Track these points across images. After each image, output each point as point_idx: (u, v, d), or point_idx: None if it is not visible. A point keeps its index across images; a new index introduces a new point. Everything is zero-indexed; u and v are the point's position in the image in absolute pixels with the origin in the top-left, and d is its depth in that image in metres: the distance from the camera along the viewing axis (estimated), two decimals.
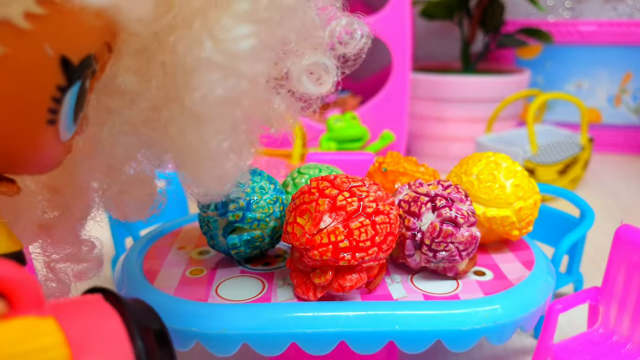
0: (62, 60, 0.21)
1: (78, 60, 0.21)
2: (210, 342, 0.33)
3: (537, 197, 0.42)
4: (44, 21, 0.19)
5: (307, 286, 0.34)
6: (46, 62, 0.20)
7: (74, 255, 0.31)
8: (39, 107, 0.21)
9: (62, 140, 0.23)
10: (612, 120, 1.13)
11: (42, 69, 0.20)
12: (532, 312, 0.35)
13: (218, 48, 0.23)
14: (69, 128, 0.23)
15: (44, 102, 0.21)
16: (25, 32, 0.19)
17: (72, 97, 0.22)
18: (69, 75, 0.21)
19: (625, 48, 1.09)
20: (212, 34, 0.23)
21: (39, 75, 0.20)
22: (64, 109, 0.22)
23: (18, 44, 0.19)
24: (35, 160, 0.23)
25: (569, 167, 0.85)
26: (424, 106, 1.00)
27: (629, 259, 0.38)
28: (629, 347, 0.37)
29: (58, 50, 0.20)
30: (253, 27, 0.23)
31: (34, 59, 0.20)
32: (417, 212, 0.37)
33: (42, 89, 0.21)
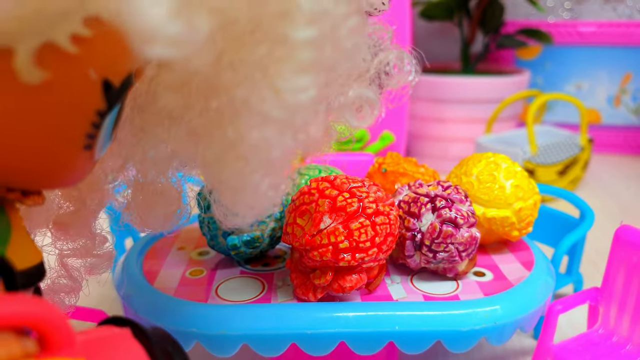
0: (105, 84, 0.20)
1: (119, 82, 0.20)
2: (210, 342, 0.33)
3: (537, 197, 0.42)
4: (90, 44, 0.18)
5: (307, 287, 0.34)
6: (89, 87, 0.19)
7: (86, 250, 0.30)
8: (77, 133, 0.20)
9: (94, 161, 0.22)
10: (612, 121, 1.13)
11: (84, 95, 0.19)
12: (532, 313, 0.35)
13: (278, 101, 0.21)
14: (103, 149, 0.22)
15: (83, 129, 0.20)
16: (71, 56, 0.18)
17: (110, 122, 0.21)
18: (109, 100, 0.20)
19: (625, 49, 1.09)
20: (273, 85, 0.21)
21: (80, 101, 0.19)
22: (101, 134, 0.21)
23: (62, 68, 0.18)
24: (67, 180, 0.22)
25: (569, 168, 0.85)
26: (424, 107, 1.00)
27: (628, 259, 0.38)
28: (629, 347, 0.37)
29: (101, 74, 0.19)
30: (314, 77, 0.22)
31: (77, 84, 0.19)
32: (417, 213, 0.37)
33: (82, 115, 0.20)
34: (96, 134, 0.21)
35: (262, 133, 0.22)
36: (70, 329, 0.18)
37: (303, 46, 0.21)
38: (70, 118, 0.19)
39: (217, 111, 0.23)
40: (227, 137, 0.23)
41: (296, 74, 0.21)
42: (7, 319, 0.16)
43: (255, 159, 0.23)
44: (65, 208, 0.29)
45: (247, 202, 0.25)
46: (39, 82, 0.17)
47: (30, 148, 0.19)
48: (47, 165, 0.20)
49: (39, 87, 0.18)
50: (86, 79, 0.19)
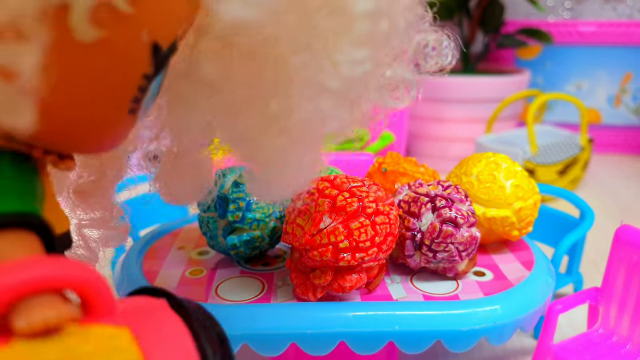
0: (154, 47, 0.19)
1: (166, 47, 0.20)
2: None
3: (537, 197, 0.42)
4: (145, 5, 0.18)
5: (307, 286, 0.34)
6: (140, 49, 0.19)
7: (103, 221, 0.30)
8: (124, 96, 0.20)
9: (134, 125, 0.22)
10: (612, 121, 1.13)
11: (135, 57, 0.19)
12: (531, 313, 0.35)
13: (335, 72, 0.21)
14: (145, 113, 0.22)
15: (130, 92, 0.20)
16: (125, 16, 0.17)
17: (155, 86, 0.21)
18: (157, 64, 0.20)
19: (625, 48, 1.09)
20: (331, 57, 0.21)
21: (131, 63, 0.19)
22: (146, 98, 0.21)
23: (116, 28, 0.17)
24: (106, 145, 0.22)
25: (569, 168, 0.85)
26: (424, 107, 1.00)
27: (628, 259, 0.38)
28: (629, 347, 0.37)
29: (152, 37, 0.19)
30: (370, 50, 0.22)
31: (129, 46, 0.18)
32: (417, 213, 0.37)
33: (131, 78, 0.19)
34: (141, 98, 0.20)
35: (317, 104, 0.22)
36: (112, 296, 0.18)
37: (362, 18, 0.21)
38: (119, 80, 0.19)
39: (260, 82, 0.22)
40: (270, 110, 0.22)
41: (354, 47, 0.21)
42: (54, 281, 0.16)
43: (301, 133, 0.23)
44: (86, 177, 0.29)
45: (285, 177, 0.25)
46: (93, 40, 0.17)
47: (79, 109, 0.19)
48: (92, 127, 0.20)
49: (92, 45, 0.17)
50: (138, 41, 0.18)
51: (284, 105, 0.22)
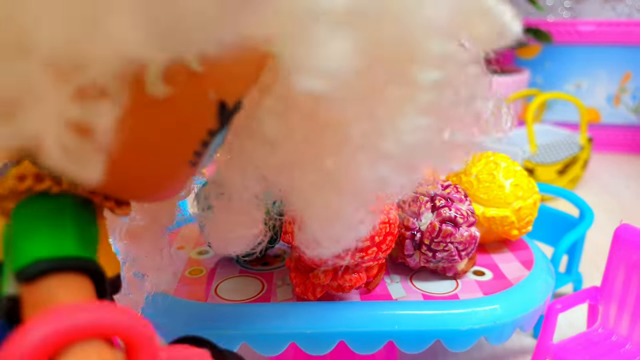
0: (220, 105, 0.20)
1: (233, 104, 0.21)
2: None
3: (537, 196, 0.42)
4: (215, 65, 0.18)
5: (307, 286, 0.34)
6: (206, 106, 0.19)
7: (153, 264, 0.30)
8: (187, 150, 0.20)
9: (193, 177, 0.23)
10: (611, 120, 1.13)
11: (201, 114, 0.20)
12: (531, 312, 0.35)
13: (396, 139, 0.21)
14: (204, 165, 0.23)
15: (193, 146, 0.20)
16: (195, 75, 0.18)
17: (218, 141, 0.21)
18: (222, 120, 0.20)
19: (625, 48, 1.09)
20: (394, 124, 0.21)
21: (197, 119, 0.20)
22: (207, 152, 0.21)
23: (185, 86, 0.18)
24: (166, 194, 0.23)
25: (568, 167, 0.85)
26: None
27: (628, 258, 0.38)
28: (628, 347, 0.38)
29: (219, 95, 0.20)
30: (432, 119, 0.22)
31: (197, 103, 0.19)
32: (416, 212, 0.37)
33: (196, 132, 0.20)
34: (203, 152, 0.21)
35: (376, 170, 0.22)
36: (156, 345, 0.18)
37: (427, 88, 0.21)
38: (184, 134, 0.20)
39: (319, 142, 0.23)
40: (326, 167, 0.22)
41: (417, 115, 0.21)
42: (101, 327, 0.16)
43: (357, 193, 0.23)
44: (138, 220, 0.29)
45: (334, 234, 0.25)
46: (163, 97, 0.18)
47: (142, 160, 0.20)
48: (153, 178, 0.21)
49: (162, 101, 0.18)
50: (205, 99, 0.19)
51: (341, 165, 0.22)
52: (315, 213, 0.24)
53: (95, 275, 0.19)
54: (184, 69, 0.17)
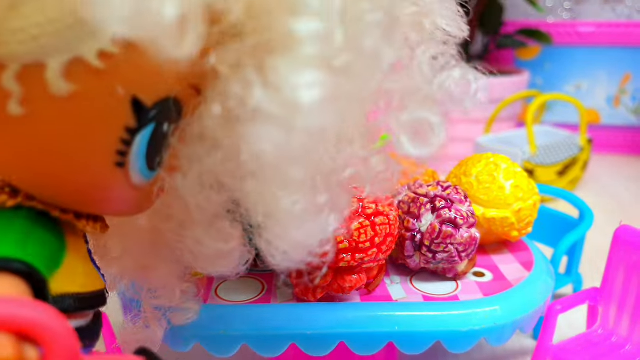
0: (134, 101, 0.20)
1: (152, 102, 0.21)
2: (210, 343, 0.33)
3: (537, 198, 0.42)
4: (118, 61, 0.19)
5: (307, 287, 0.34)
6: (116, 102, 0.20)
7: (171, 299, 0.30)
8: (106, 147, 0.20)
9: (134, 184, 0.22)
10: (611, 121, 1.13)
11: (112, 109, 0.20)
12: (531, 313, 0.35)
13: (272, 96, 0.20)
14: (142, 172, 0.22)
15: (112, 143, 0.20)
16: (97, 71, 0.18)
17: (143, 140, 0.21)
18: (140, 117, 0.20)
19: (624, 49, 1.09)
20: (266, 80, 0.20)
21: (107, 115, 0.20)
22: (133, 152, 0.21)
23: (89, 82, 0.18)
24: (107, 201, 0.23)
25: (568, 168, 0.86)
26: None
27: (628, 259, 0.38)
28: (628, 347, 0.38)
29: (130, 91, 0.20)
30: (319, 74, 0.20)
31: (104, 98, 0.19)
32: (416, 213, 0.37)
33: (111, 129, 0.20)
34: (127, 151, 0.21)
35: (257, 132, 0.20)
36: (74, 346, 0.18)
37: (306, 39, 0.20)
38: (97, 130, 0.20)
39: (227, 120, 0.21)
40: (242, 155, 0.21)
41: (296, 70, 0.20)
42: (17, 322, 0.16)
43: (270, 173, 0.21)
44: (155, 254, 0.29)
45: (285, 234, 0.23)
46: (67, 94, 0.18)
47: (60, 159, 0.20)
48: (80, 179, 0.21)
49: (67, 99, 0.18)
50: (113, 94, 0.19)
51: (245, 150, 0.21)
52: (260, 215, 0.23)
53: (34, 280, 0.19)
54: (85, 66, 0.18)
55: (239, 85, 0.20)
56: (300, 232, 0.23)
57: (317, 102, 0.20)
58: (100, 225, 0.24)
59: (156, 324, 0.31)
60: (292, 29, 0.19)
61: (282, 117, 0.20)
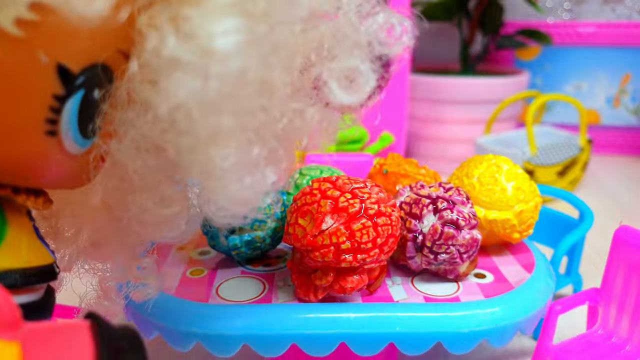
0: (59, 68, 0.20)
1: (79, 69, 0.20)
2: (210, 342, 0.33)
3: (538, 199, 0.42)
4: (37, 27, 0.18)
5: (308, 287, 0.34)
6: (40, 70, 0.19)
7: (129, 274, 0.30)
8: (34, 116, 0.20)
9: (70, 153, 0.22)
10: (611, 122, 1.13)
11: (36, 77, 0.19)
12: (532, 315, 0.35)
13: (187, 45, 0.20)
14: (76, 140, 0.22)
15: (41, 112, 0.20)
16: (16, 39, 0.18)
17: (73, 108, 0.21)
18: (67, 84, 0.20)
19: (624, 49, 1.09)
20: (179, 29, 0.20)
21: (32, 83, 0.19)
22: (64, 120, 0.21)
23: (8, 51, 0.18)
24: (43, 173, 0.22)
25: (568, 169, 0.86)
26: (423, 107, 1.00)
27: (628, 260, 0.38)
28: (628, 348, 0.38)
29: (54, 58, 0.19)
30: (237, 21, 0.20)
31: (27, 66, 0.19)
32: (418, 214, 0.37)
33: (37, 98, 0.20)
34: (57, 119, 0.21)
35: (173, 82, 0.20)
36: (12, 312, 0.18)
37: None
38: (24, 99, 0.20)
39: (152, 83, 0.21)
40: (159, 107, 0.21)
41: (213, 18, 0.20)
42: None
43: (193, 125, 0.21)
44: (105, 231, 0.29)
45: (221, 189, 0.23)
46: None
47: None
48: (11, 151, 0.21)
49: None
50: (36, 62, 0.19)
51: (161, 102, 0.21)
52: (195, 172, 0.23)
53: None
54: (2, 34, 0.18)
55: (155, 39, 0.21)
56: (236, 186, 0.23)
57: (232, 47, 0.20)
58: (42, 200, 0.24)
59: (114, 301, 0.30)
60: None
61: (197, 63, 0.20)
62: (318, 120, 0.28)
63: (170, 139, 0.22)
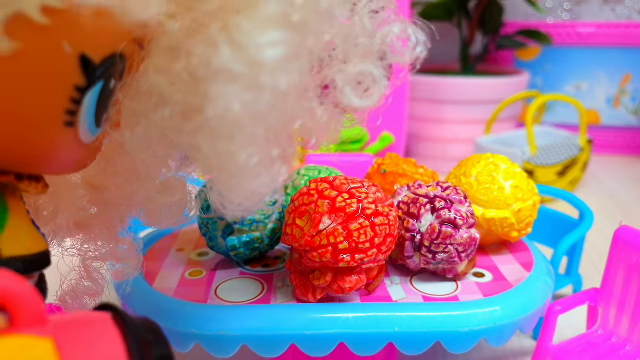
0: (82, 58, 0.19)
1: (100, 59, 0.20)
2: (209, 343, 0.33)
3: (537, 198, 0.42)
4: (63, 16, 0.18)
5: (307, 288, 0.34)
6: (64, 60, 0.19)
7: (111, 254, 0.30)
8: (55, 107, 0.20)
9: (83, 142, 0.22)
10: (611, 122, 1.13)
11: (59, 68, 0.19)
12: (531, 314, 0.35)
13: (238, 56, 0.20)
14: (90, 130, 0.22)
15: (61, 103, 0.20)
16: (42, 28, 0.17)
17: (92, 99, 0.21)
18: (89, 76, 0.20)
19: (624, 49, 1.09)
20: (232, 40, 0.20)
21: (55, 74, 0.19)
22: (83, 111, 0.21)
23: (34, 39, 0.18)
24: (55, 161, 0.22)
25: (568, 169, 0.86)
26: (423, 108, 1.00)
27: (628, 260, 0.38)
28: (628, 348, 0.37)
29: (77, 48, 0.19)
30: (282, 33, 0.21)
31: (51, 56, 0.19)
32: (416, 214, 0.37)
33: (59, 89, 0.20)
34: (76, 110, 0.20)
35: (226, 91, 0.21)
36: (41, 307, 0.18)
37: None
38: (45, 90, 0.19)
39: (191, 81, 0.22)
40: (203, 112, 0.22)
41: (259, 28, 0.20)
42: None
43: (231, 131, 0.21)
44: (88, 211, 0.29)
45: (239, 185, 0.24)
46: (10, 52, 0.17)
47: (8, 120, 0.19)
48: (28, 141, 0.20)
49: (11, 57, 0.18)
50: (60, 52, 0.19)
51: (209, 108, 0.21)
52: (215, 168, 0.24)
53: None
54: (28, 22, 0.17)
55: (202, 44, 0.21)
56: (253, 184, 0.24)
57: (280, 60, 0.21)
58: (42, 185, 0.23)
59: (96, 281, 0.30)
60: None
61: (247, 75, 0.20)
62: (326, 120, 0.29)
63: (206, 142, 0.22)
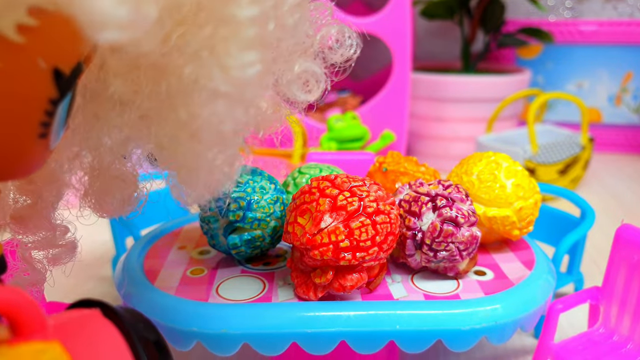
0: (55, 72, 0.20)
1: (69, 70, 0.20)
2: (210, 342, 0.33)
3: (538, 196, 0.42)
4: (37, 33, 0.18)
5: (308, 286, 0.34)
6: (39, 75, 0.19)
7: (47, 241, 0.31)
8: (31, 122, 0.20)
9: (51, 149, 0.22)
10: (613, 120, 1.13)
11: (35, 84, 0.19)
12: (532, 312, 0.35)
13: (226, 77, 0.22)
14: (58, 136, 0.22)
15: (37, 117, 0.20)
16: (18, 46, 0.18)
17: (63, 109, 0.21)
18: (61, 87, 0.20)
19: (626, 48, 1.09)
20: (221, 63, 0.22)
21: (31, 90, 0.19)
22: (55, 122, 0.21)
23: (10, 58, 0.18)
24: (23, 171, 0.22)
25: (570, 167, 0.85)
26: (425, 106, 1.00)
27: (629, 258, 0.38)
28: (630, 346, 0.37)
29: (50, 63, 0.19)
30: (259, 52, 0.23)
31: (27, 73, 0.19)
32: (417, 212, 0.37)
33: (35, 104, 0.20)
34: (50, 122, 0.21)
35: (213, 109, 0.23)
36: (40, 313, 0.18)
37: (247, 24, 0.22)
38: (22, 107, 0.19)
39: (167, 93, 0.24)
40: (179, 117, 0.24)
41: (242, 51, 0.23)
42: None
43: (208, 136, 0.24)
44: (22, 202, 0.29)
45: (202, 179, 0.26)
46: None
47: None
48: (2, 154, 0.20)
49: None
50: (35, 68, 0.19)
51: (190, 112, 0.23)
52: (179, 163, 0.26)
53: None
54: (4, 41, 0.17)
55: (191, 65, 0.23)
56: (211, 178, 0.26)
57: (256, 76, 0.23)
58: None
59: (37, 270, 0.31)
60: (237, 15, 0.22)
61: (234, 93, 0.23)
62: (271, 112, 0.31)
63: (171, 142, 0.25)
